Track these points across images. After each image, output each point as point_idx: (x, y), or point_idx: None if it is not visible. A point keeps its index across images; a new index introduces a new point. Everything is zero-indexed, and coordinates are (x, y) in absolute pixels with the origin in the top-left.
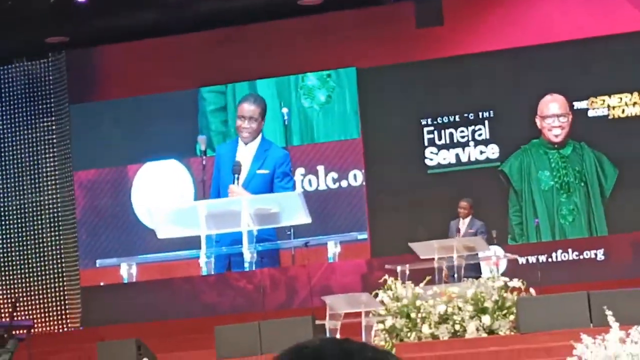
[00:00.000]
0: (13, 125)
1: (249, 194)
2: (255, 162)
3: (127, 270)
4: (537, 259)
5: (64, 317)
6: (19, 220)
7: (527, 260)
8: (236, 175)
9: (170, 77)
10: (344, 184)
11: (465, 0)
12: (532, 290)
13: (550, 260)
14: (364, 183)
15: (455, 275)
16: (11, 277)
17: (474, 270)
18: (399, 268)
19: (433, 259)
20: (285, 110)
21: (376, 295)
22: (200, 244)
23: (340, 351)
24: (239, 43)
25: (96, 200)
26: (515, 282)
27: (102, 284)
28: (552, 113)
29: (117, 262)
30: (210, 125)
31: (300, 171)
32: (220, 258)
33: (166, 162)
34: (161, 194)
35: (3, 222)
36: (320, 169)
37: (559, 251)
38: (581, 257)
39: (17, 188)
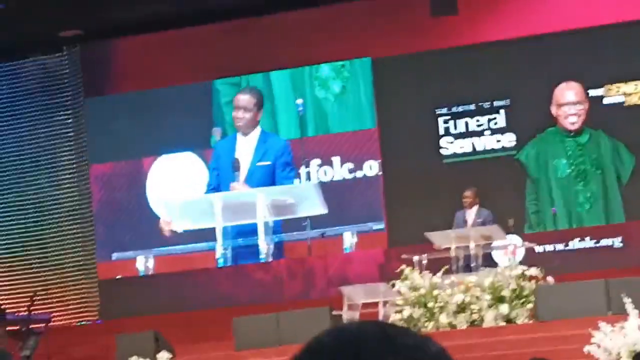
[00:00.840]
0: (29, 119)
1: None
2: (256, 154)
3: (144, 263)
4: (555, 247)
5: (82, 310)
6: (36, 214)
7: (545, 248)
8: (237, 172)
9: (185, 69)
10: (359, 174)
11: None
12: (549, 279)
13: (567, 248)
14: (379, 173)
15: (472, 264)
16: (29, 271)
17: (487, 260)
18: (415, 258)
19: (450, 248)
20: (299, 101)
21: (393, 285)
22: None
23: (382, 334)
24: (253, 34)
25: (112, 194)
26: (533, 271)
27: (118, 277)
28: (568, 101)
29: (133, 255)
30: (225, 117)
31: (315, 162)
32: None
33: (181, 154)
34: (176, 187)
35: (20, 217)
36: (336, 159)
37: (576, 239)
38: (598, 244)
39: (34, 182)
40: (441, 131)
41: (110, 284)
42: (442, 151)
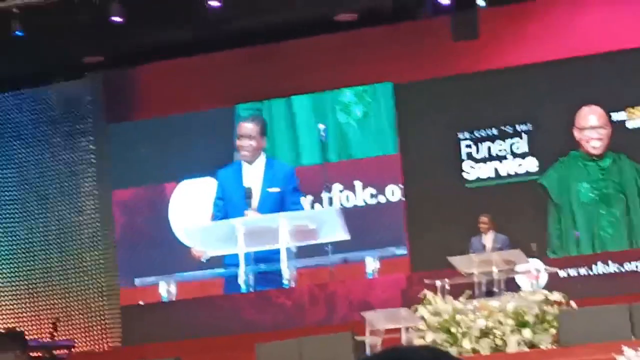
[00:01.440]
0: (52, 145)
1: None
2: (265, 181)
3: (166, 289)
4: (578, 272)
5: (104, 336)
6: (59, 240)
7: (568, 273)
8: (249, 200)
9: (206, 95)
10: (381, 199)
11: (500, 13)
12: (573, 304)
13: (590, 273)
14: (401, 198)
15: (495, 289)
16: (52, 296)
17: (509, 284)
18: (438, 283)
19: (472, 273)
20: (321, 126)
21: (416, 310)
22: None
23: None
24: (275, 60)
25: (134, 219)
26: (556, 296)
27: (141, 302)
28: (590, 125)
29: (155, 280)
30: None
31: (337, 187)
32: (236, 278)
33: (203, 179)
34: (198, 212)
35: (43, 242)
36: (358, 184)
37: (600, 263)
38: (622, 269)
39: (56, 208)
40: (463, 156)
41: (132, 310)
42: (465, 175)
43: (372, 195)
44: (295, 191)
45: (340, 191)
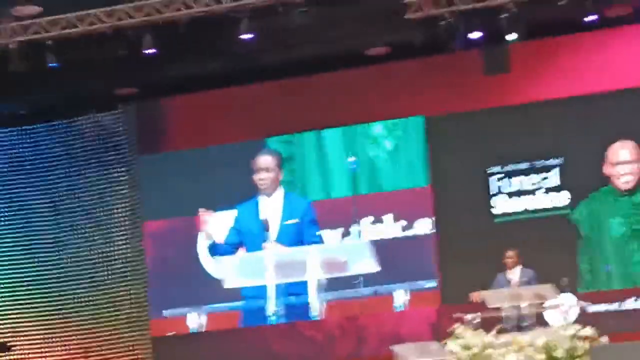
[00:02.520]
0: (84, 176)
1: (287, 248)
2: (284, 213)
3: (195, 320)
4: (609, 307)
5: None
6: (90, 270)
7: (599, 308)
8: (267, 232)
9: (238, 127)
10: (411, 232)
11: (532, 47)
12: (604, 339)
13: (622, 308)
14: (431, 231)
15: (525, 324)
16: (82, 326)
17: (539, 319)
18: (468, 317)
19: (503, 307)
20: (352, 159)
21: (446, 344)
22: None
23: None
24: (306, 93)
25: (164, 250)
26: (587, 331)
27: (170, 333)
28: (622, 160)
29: (184, 311)
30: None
31: (368, 220)
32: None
33: (232, 212)
34: (228, 239)
35: (75, 272)
36: (388, 217)
37: (631, 299)
38: None
39: (88, 238)
40: (494, 189)
41: (162, 341)
42: (495, 210)
43: (402, 228)
44: (313, 223)
45: (371, 224)
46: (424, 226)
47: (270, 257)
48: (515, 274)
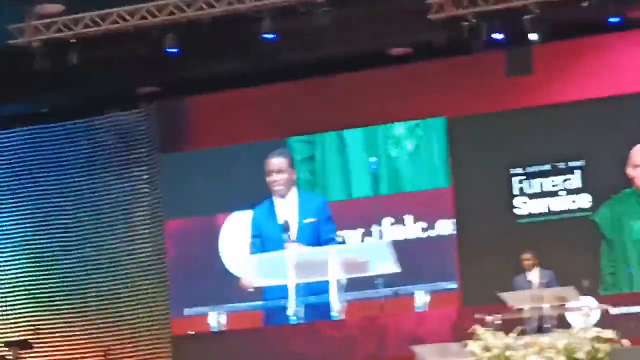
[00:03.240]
0: (105, 175)
1: (308, 248)
2: (301, 213)
3: (216, 319)
4: (631, 310)
5: None
6: (112, 269)
7: (620, 310)
8: (287, 234)
9: (259, 127)
10: (432, 233)
11: (555, 49)
12: (625, 342)
13: None
14: (453, 232)
15: (546, 326)
16: (104, 325)
17: (561, 321)
18: (489, 318)
19: (524, 309)
20: (373, 159)
21: (466, 346)
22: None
23: None
24: (328, 93)
25: (185, 249)
26: (608, 333)
27: (191, 332)
28: None
29: (205, 310)
30: (299, 175)
31: (388, 221)
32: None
33: (250, 216)
34: (249, 244)
35: (96, 271)
36: (409, 218)
37: None
38: None
39: (110, 237)
40: (516, 191)
41: (182, 340)
42: (517, 211)
43: (423, 229)
44: (330, 221)
45: (392, 224)
46: (445, 227)
47: (290, 257)
48: (534, 275)
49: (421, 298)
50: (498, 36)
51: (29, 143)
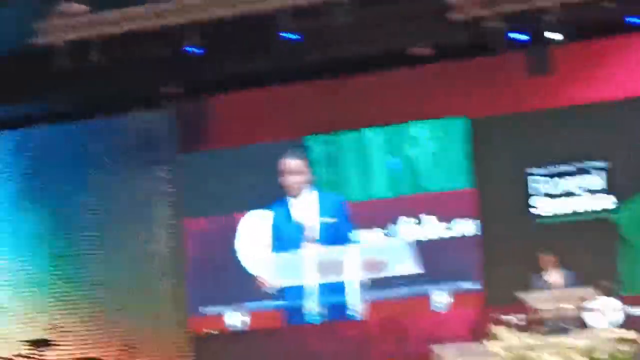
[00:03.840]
0: (126, 173)
1: (328, 248)
2: (321, 212)
3: (234, 318)
4: None
5: None
6: (132, 267)
7: None
8: (306, 235)
9: (279, 126)
10: (452, 233)
11: (576, 49)
12: None
13: None
14: (473, 232)
15: (566, 326)
16: (124, 323)
17: (580, 321)
18: (510, 318)
19: (544, 309)
20: (393, 159)
21: (486, 346)
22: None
23: None
24: (348, 92)
25: (204, 248)
26: (630, 334)
27: (208, 331)
28: None
29: (223, 310)
30: (318, 175)
31: (409, 220)
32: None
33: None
34: (267, 242)
35: (116, 269)
36: (429, 218)
37: None
38: None
39: (130, 235)
40: (536, 191)
41: (201, 339)
42: (537, 211)
43: (442, 229)
44: (348, 220)
45: (411, 224)
46: (465, 228)
47: (309, 256)
48: (553, 276)
49: (441, 298)
50: (519, 36)
51: (49, 142)
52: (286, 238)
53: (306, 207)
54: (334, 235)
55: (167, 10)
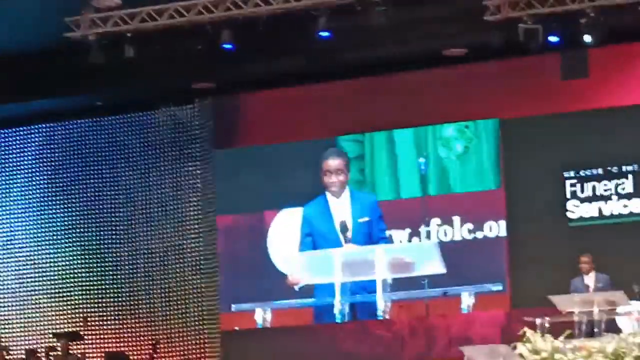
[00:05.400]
0: (158, 169)
1: (359, 247)
2: (355, 212)
3: (262, 316)
4: None
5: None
6: (162, 263)
7: None
8: (345, 234)
9: (312, 125)
10: (479, 235)
11: (610, 52)
12: None
13: None
14: (501, 234)
15: (595, 330)
16: (153, 318)
17: (611, 326)
18: (538, 320)
19: (573, 312)
20: (422, 159)
21: (515, 348)
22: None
23: None
24: (380, 92)
25: (234, 245)
26: None
27: (236, 328)
28: None
29: (252, 307)
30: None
31: (435, 221)
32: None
33: (302, 208)
34: (300, 240)
35: (147, 264)
36: (456, 219)
37: None
38: None
39: (160, 231)
40: (568, 194)
41: (230, 335)
42: (568, 214)
43: (469, 231)
44: (380, 220)
45: (439, 225)
46: (494, 229)
47: (338, 255)
48: (591, 279)
49: (466, 299)
50: (554, 38)
51: (82, 136)
52: (322, 236)
53: (344, 207)
54: (368, 235)
55: (202, 6)
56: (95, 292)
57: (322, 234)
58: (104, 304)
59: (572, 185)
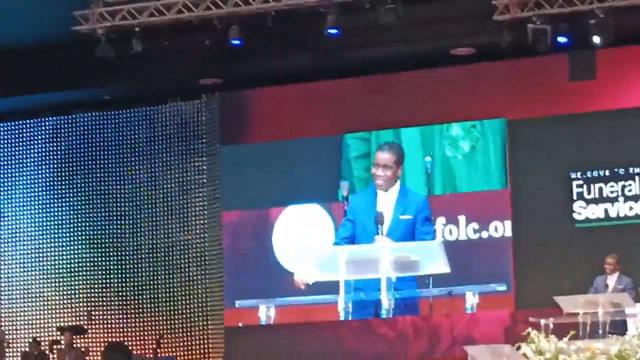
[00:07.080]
0: (164, 163)
1: (394, 243)
2: (397, 208)
3: (266, 312)
4: None
5: (206, 355)
6: (167, 258)
7: None
8: (380, 226)
9: (317, 122)
10: (484, 234)
11: (619, 54)
12: None
13: None
14: (506, 234)
15: (600, 331)
16: (157, 313)
17: (620, 328)
18: (542, 321)
19: (578, 313)
20: (428, 158)
21: (519, 348)
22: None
23: None
24: (388, 90)
25: (238, 241)
26: None
27: (240, 324)
28: None
29: (256, 303)
30: (353, 172)
31: (441, 220)
32: (366, 304)
33: (308, 206)
34: (302, 238)
35: (151, 259)
36: (461, 218)
37: None
38: None
39: (165, 226)
40: (574, 195)
41: (234, 331)
42: (575, 215)
43: (475, 230)
44: (427, 220)
45: (444, 224)
46: (499, 229)
47: (343, 253)
48: (613, 279)
49: (470, 299)
50: (562, 39)
51: (89, 129)
52: (361, 224)
53: (388, 201)
54: (409, 234)
55: (210, 1)
56: (100, 286)
57: (362, 223)
58: (108, 298)
59: (579, 186)
